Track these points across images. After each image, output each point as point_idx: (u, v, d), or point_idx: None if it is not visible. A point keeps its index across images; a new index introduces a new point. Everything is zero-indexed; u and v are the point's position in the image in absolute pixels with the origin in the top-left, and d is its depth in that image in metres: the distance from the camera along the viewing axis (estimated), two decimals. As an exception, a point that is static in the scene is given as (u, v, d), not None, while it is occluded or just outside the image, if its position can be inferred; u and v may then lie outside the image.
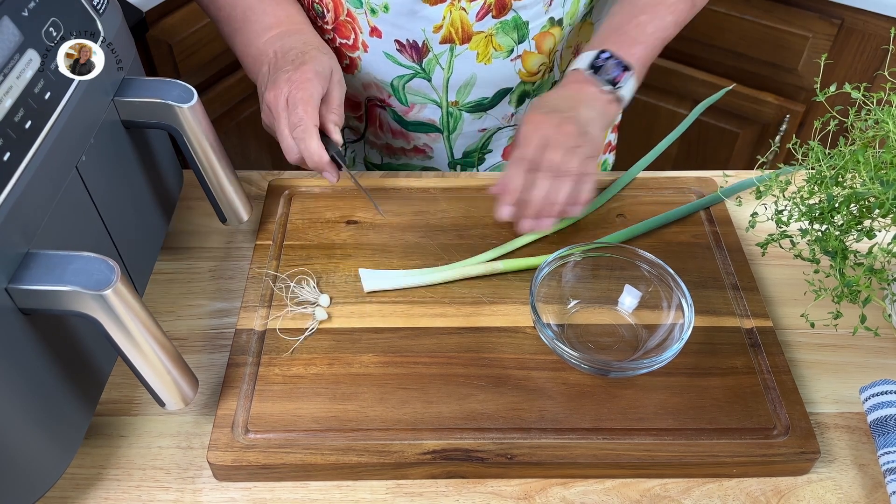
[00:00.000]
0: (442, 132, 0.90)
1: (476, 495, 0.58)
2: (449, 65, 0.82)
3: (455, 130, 0.90)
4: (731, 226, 0.76)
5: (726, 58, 1.50)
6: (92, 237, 0.58)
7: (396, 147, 0.94)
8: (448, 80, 0.84)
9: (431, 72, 0.83)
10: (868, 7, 1.30)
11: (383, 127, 0.92)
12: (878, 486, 0.58)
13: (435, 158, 0.93)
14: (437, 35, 0.80)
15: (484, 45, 0.81)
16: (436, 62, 0.82)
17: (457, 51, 0.81)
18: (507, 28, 0.80)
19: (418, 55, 0.81)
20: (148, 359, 0.52)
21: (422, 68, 0.82)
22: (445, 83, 0.84)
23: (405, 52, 0.81)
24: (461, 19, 0.78)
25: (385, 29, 0.80)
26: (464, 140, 0.91)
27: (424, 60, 0.82)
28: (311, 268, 0.72)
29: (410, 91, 0.85)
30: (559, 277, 0.68)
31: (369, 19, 0.80)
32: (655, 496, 0.58)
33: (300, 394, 0.61)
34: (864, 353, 0.68)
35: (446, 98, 0.86)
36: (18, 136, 0.47)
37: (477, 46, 0.81)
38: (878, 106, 0.62)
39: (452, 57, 0.81)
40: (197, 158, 0.66)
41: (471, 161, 0.94)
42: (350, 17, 0.80)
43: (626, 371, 0.61)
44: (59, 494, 0.57)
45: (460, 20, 0.78)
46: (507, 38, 0.81)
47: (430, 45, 0.80)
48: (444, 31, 0.79)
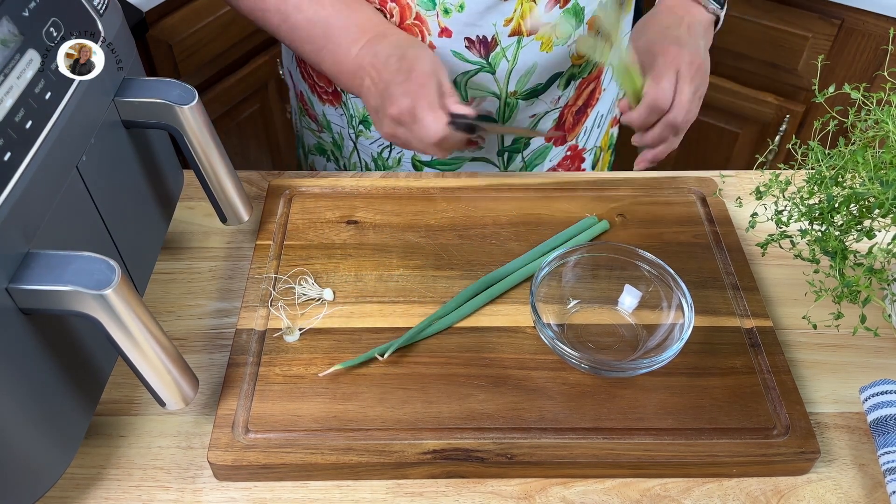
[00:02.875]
0: (497, 122, 0.91)
1: (476, 495, 0.58)
2: (514, 57, 0.83)
3: (509, 119, 0.91)
4: (731, 226, 0.76)
5: (726, 58, 1.50)
6: (92, 237, 0.58)
7: None
8: (511, 71, 0.85)
9: (497, 65, 0.83)
10: (868, 7, 1.30)
11: None
12: (878, 486, 0.58)
13: (486, 148, 0.94)
14: (507, 28, 0.80)
15: (548, 35, 0.82)
16: (503, 55, 0.83)
17: (523, 42, 0.82)
18: (567, 16, 0.82)
19: (486, 50, 0.82)
20: (148, 359, 0.52)
21: (488, 62, 0.83)
22: (508, 74, 0.85)
23: (473, 49, 0.82)
24: (531, 11, 0.80)
25: (456, 28, 0.80)
26: None
27: (492, 55, 0.82)
28: (311, 268, 0.72)
29: (472, 86, 0.86)
30: (559, 277, 0.68)
31: (440, 20, 0.80)
32: (655, 496, 0.58)
33: (300, 394, 0.61)
34: (864, 353, 0.68)
35: (506, 89, 0.86)
36: (19, 136, 0.47)
37: (542, 36, 0.82)
38: (877, 106, 0.62)
39: (518, 49, 0.82)
40: (197, 158, 0.66)
41: (517, 147, 0.95)
42: (418, 20, 0.80)
43: (626, 371, 0.61)
44: (59, 494, 0.57)
45: (530, 12, 0.80)
46: (567, 26, 0.83)
47: (499, 38, 0.81)
48: (514, 24, 0.80)
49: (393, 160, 0.97)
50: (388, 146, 0.96)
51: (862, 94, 0.63)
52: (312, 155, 1.04)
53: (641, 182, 0.82)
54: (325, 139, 1.00)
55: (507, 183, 0.81)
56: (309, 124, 1.00)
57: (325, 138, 0.99)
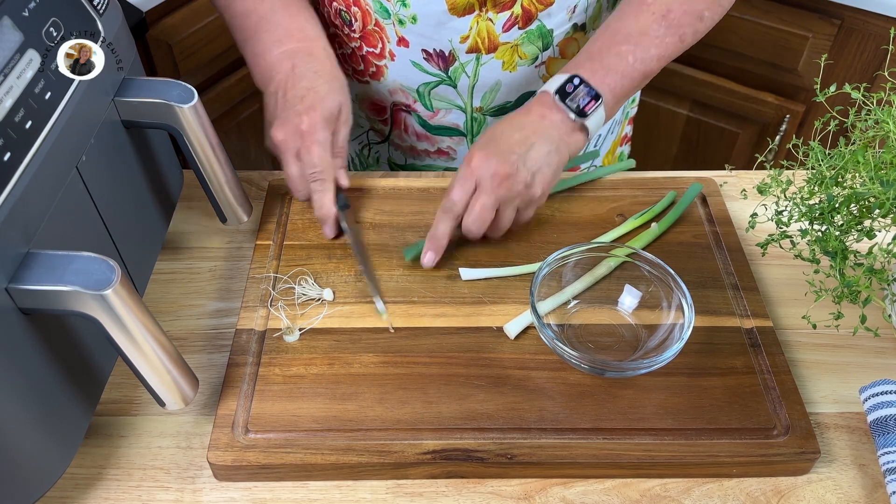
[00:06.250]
0: (465, 136, 0.91)
1: (476, 495, 0.58)
2: (475, 73, 0.83)
3: (478, 134, 0.91)
4: (731, 226, 0.76)
5: (726, 58, 1.50)
6: (92, 237, 0.58)
7: (420, 149, 0.94)
8: (473, 87, 0.85)
9: (457, 79, 0.84)
10: (868, 7, 1.30)
11: (408, 130, 0.92)
12: (878, 486, 0.58)
13: (458, 160, 0.94)
14: (464, 45, 0.80)
15: (509, 55, 0.82)
16: (462, 70, 0.83)
17: (482, 60, 0.82)
18: (532, 37, 0.81)
19: (445, 64, 0.82)
20: (148, 359, 0.52)
21: (448, 76, 0.83)
22: (471, 90, 0.85)
23: (432, 61, 0.82)
24: (488, 30, 0.79)
25: (412, 39, 0.80)
26: None
27: (451, 69, 0.83)
28: (311, 268, 0.72)
29: (436, 97, 0.86)
30: (559, 277, 0.68)
31: (397, 30, 0.80)
32: (655, 496, 0.58)
33: (300, 394, 0.61)
34: (864, 353, 0.68)
35: (471, 104, 0.87)
36: (19, 136, 0.47)
37: (503, 56, 0.82)
38: (878, 106, 0.62)
39: (478, 66, 0.82)
40: (197, 158, 0.66)
41: None
42: (378, 27, 0.81)
43: (626, 371, 0.61)
44: (59, 494, 0.57)
45: (487, 31, 0.79)
46: (532, 47, 0.82)
47: (456, 54, 0.81)
48: (471, 42, 0.80)
49: (372, 158, 0.99)
50: (367, 145, 0.98)
51: (862, 94, 0.63)
52: None
53: (641, 182, 0.82)
54: None
55: (507, 183, 0.81)
56: None
57: None
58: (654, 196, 0.80)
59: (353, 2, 0.81)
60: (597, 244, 0.70)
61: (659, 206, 0.77)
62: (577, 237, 0.75)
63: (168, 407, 0.56)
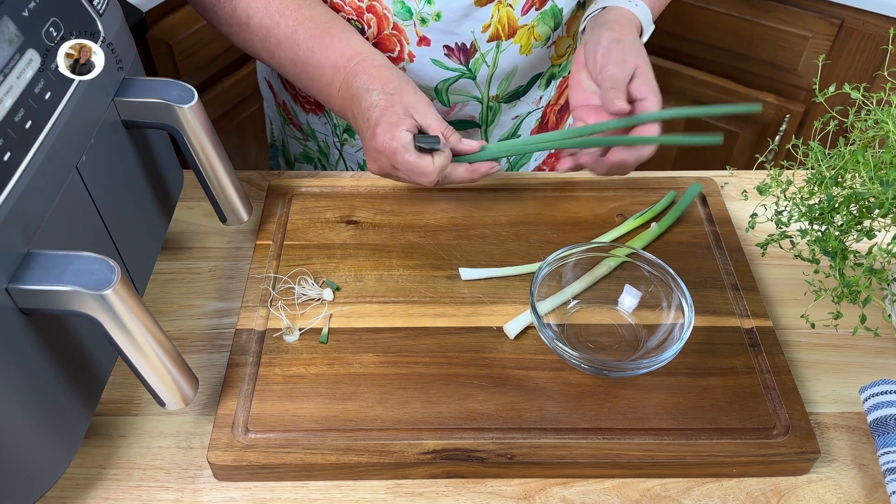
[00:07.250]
0: (480, 126, 0.91)
1: (476, 495, 0.58)
2: (494, 61, 0.83)
3: (493, 122, 0.91)
4: (731, 226, 0.76)
5: (726, 58, 1.50)
6: (92, 237, 0.58)
7: None
8: (492, 76, 0.85)
9: (477, 70, 0.84)
10: (868, 7, 1.30)
11: None
12: (878, 486, 0.58)
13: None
14: (486, 34, 0.81)
15: (526, 38, 0.83)
16: (482, 61, 0.83)
17: (502, 46, 0.82)
18: (545, 18, 0.82)
19: (466, 56, 0.82)
20: (148, 359, 0.52)
21: (468, 68, 0.84)
22: (489, 79, 0.85)
23: (453, 56, 0.82)
24: (507, 15, 0.80)
25: (434, 37, 0.80)
26: (499, 130, 0.93)
27: (471, 60, 0.83)
28: (311, 268, 0.72)
29: (454, 92, 0.86)
30: (559, 277, 0.68)
31: (418, 29, 0.80)
32: (655, 496, 0.58)
33: (300, 394, 0.61)
34: (864, 353, 0.68)
35: (488, 93, 0.87)
36: (19, 136, 0.47)
37: (520, 39, 0.83)
38: (877, 106, 0.62)
39: (498, 53, 0.83)
40: (197, 158, 0.66)
41: None
42: (396, 30, 0.80)
43: (626, 371, 0.61)
44: (59, 494, 0.57)
45: (507, 16, 0.80)
46: (546, 27, 0.83)
47: (478, 45, 0.82)
48: (492, 30, 0.81)
49: None
50: None
51: (862, 94, 0.63)
52: (299, 163, 1.04)
53: (641, 182, 0.82)
54: (310, 147, 1.00)
55: (506, 183, 0.81)
56: (294, 133, 1.01)
57: (310, 146, 1.00)
58: (654, 196, 0.80)
59: (365, 9, 0.80)
60: (597, 244, 0.70)
61: (659, 206, 0.77)
62: (576, 237, 0.75)
63: (168, 407, 0.56)
